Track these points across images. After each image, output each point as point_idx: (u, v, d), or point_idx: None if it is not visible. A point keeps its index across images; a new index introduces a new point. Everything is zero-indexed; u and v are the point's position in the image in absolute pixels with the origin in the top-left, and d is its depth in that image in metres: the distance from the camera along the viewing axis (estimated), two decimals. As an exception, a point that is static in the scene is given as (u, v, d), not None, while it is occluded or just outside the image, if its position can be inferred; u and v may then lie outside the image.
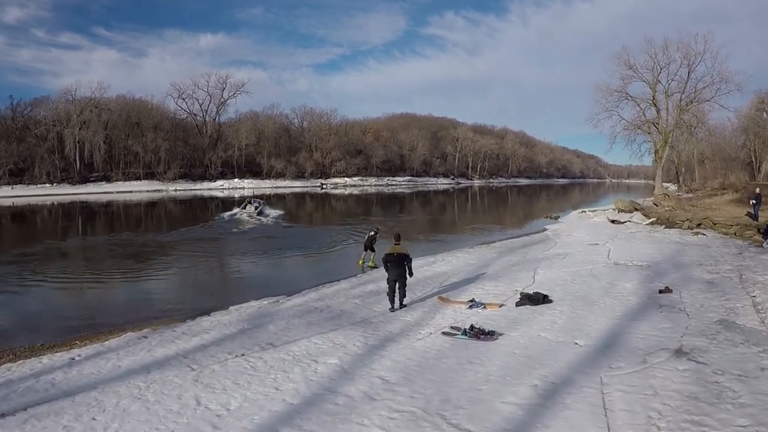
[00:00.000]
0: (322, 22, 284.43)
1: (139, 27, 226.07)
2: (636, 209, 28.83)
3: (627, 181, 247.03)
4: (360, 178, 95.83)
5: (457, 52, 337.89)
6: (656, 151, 42.15)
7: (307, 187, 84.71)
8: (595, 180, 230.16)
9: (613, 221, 26.28)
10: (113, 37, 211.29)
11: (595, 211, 32.69)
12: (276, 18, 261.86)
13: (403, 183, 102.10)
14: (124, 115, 78.34)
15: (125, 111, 79.03)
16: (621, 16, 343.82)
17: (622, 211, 29.06)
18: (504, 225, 32.55)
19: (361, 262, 17.15)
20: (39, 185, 68.00)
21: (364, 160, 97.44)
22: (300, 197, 64.44)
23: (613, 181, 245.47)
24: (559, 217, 33.14)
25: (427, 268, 14.99)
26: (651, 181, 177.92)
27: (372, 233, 17.23)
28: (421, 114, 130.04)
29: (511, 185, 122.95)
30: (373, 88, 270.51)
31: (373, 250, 16.89)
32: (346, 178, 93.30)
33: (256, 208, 34.02)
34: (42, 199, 56.40)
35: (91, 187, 69.85)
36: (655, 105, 41.66)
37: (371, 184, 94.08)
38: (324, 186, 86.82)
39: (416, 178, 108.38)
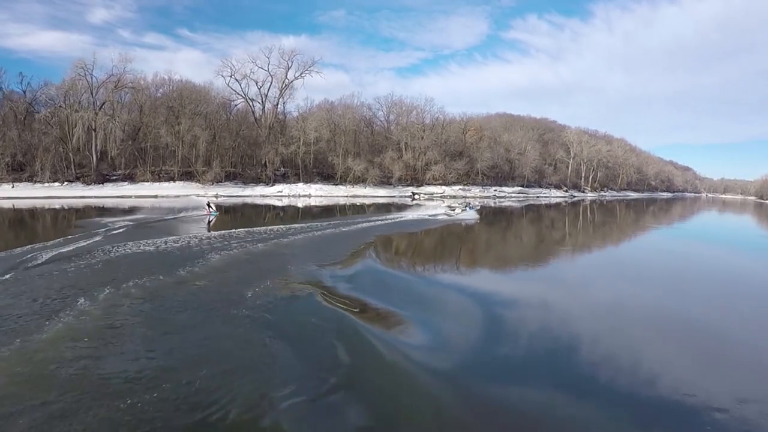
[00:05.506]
0: (404, 26, 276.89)
1: (221, 28, 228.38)
2: None
3: (723, 196, 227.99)
4: (461, 186, 72.01)
5: (540, 56, 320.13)
6: None
7: (394, 196, 62.07)
8: (692, 194, 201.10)
9: None
10: (197, 38, 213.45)
11: None
12: (358, 21, 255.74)
13: (512, 194, 77.66)
14: (159, 100, 58.72)
15: (161, 94, 59.54)
16: (709, 21, 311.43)
17: None
18: None
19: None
20: (46, 184, 49.17)
21: (466, 164, 73.59)
22: (385, 209, 41.79)
23: (709, 195, 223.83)
24: None
25: None
26: (749, 197, 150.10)
27: None
28: (519, 114, 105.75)
29: (620, 198, 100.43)
30: (455, 92, 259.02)
31: None
32: (444, 187, 69.67)
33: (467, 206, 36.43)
34: (43, 201, 41.07)
35: (108, 189, 50.19)
36: None
37: (475, 195, 70.22)
38: (416, 196, 64.05)
39: (527, 189, 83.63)
